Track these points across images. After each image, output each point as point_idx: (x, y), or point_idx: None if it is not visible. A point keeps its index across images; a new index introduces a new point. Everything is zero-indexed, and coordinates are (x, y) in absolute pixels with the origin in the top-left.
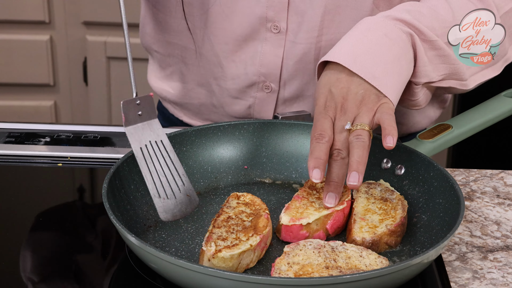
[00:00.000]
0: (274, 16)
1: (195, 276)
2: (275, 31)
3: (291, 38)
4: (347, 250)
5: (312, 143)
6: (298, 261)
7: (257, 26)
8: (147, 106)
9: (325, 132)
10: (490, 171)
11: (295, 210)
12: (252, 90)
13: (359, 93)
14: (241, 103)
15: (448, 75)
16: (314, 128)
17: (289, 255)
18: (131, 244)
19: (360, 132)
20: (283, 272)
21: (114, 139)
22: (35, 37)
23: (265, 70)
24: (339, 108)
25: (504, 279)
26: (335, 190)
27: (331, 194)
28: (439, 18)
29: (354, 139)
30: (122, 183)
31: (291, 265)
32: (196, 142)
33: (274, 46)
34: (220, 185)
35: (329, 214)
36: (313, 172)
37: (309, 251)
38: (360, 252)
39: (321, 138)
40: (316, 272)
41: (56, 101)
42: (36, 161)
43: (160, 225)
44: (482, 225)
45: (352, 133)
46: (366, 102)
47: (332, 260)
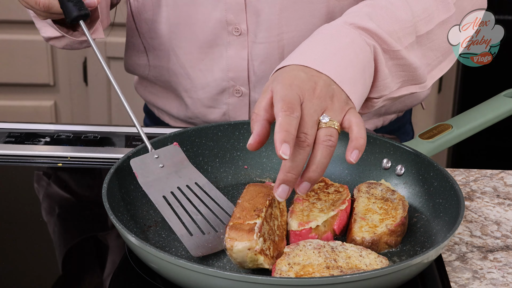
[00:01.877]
0: (233, 19)
1: (195, 276)
2: (237, 34)
3: (253, 39)
4: (347, 250)
5: (281, 115)
6: (299, 262)
7: (219, 30)
8: (173, 157)
9: (295, 106)
10: (490, 171)
11: (300, 214)
12: (223, 96)
13: (331, 86)
14: (215, 112)
15: (406, 81)
16: (280, 101)
17: (289, 255)
18: (131, 244)
19: (332, 132)
20: (284, 273)
21: (114, 139)
22: (35, 37)
23: (233, 74)
24: (310, 89)
25: (504, 279)
26: (290, 184)
27: (285, 187)
28: (399, 19)
29: (325, 140)
30: (122, 183)
31: (292, 265)
32: (196, 142)
33: (238, 49)
34: (220, 185)
35: (335, 215)
36: (282, 146)
37: (309, 251)
38: (360, 251)
39: (292, 111)
40: (317, 272)
41: (56, 101)
42: (36, 161)
43: (160, 225)
44: (482, 225)
45: (324, 129)
46: (338, 98)
47: (332, 260)
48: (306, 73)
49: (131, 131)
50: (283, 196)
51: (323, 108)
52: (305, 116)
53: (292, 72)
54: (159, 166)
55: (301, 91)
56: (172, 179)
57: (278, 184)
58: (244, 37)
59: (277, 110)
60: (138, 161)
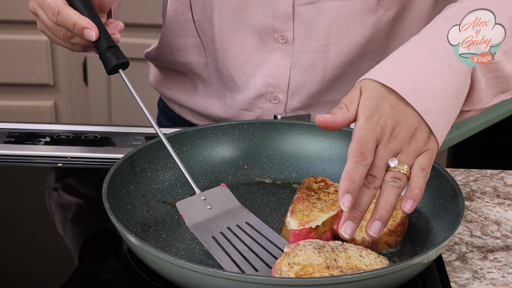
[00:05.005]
0: (280, 27)
1: (195, 276)
2: (283, 41)
3: (298, 48)
4: (347, 250)
5: (351, 160)
6: (299, 262)
7: (265, 36)
8: (221, 198)
9: (368, 153)
10: (490, 171)
11: (300, 214)
12: (260, 101)
13: (413, 125)
14: (249, 114)
15: (499, 91)
16: (356, 143)
17: (289, 255)
18: (131, 244)
19: (401, 176)
20: (284, 273)
21: (114, 139)
22: (35, 37)
23: (273, 80)
24: (388, 131)
25: (504, 279)
26: (356, 221)
27: (350, 223)
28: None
29: (391, 181)
30: (122, 183)
31: (292, 265)
32: (196, 142)
33: (282, 56)
34: (220, 185)
35: (335, 215)
36: (344, 197)
37: (309, 251)
38: (360, 252)
39: (363, 158)
40: (317, 272)
41: (56, 101)
42: (36, 161)
43: (160, 225)
44: (482, 225)
45: (392, 172)
46: (417, 139)
47: (332, 260)
48: (392, 107)
49: (131, 131)
50: (349, 233)
51: (397, 151)
52: (376, 159)
53: (378, 101)
54: (207, 208)
55: (380, 132)
56: (221, 219)
57: (344, 220)
58: (289, 45)
59: (350, 151)
60: (184, 203)
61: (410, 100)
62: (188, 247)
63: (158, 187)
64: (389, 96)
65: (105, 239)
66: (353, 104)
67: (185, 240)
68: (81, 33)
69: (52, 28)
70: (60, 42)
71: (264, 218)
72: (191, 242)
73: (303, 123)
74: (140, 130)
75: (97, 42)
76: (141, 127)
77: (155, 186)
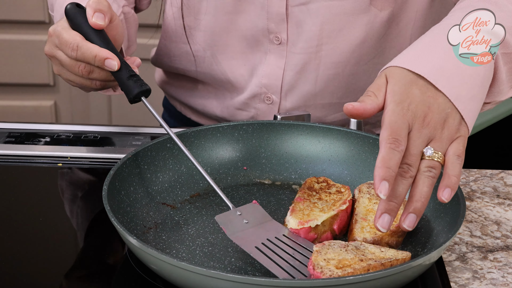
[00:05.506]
0: (274, 28)
1: (196, 278)
2: (277, 42)
3: (292, 49)
4: (368, 247)
5: (385, 147)
6: (333, 257)
7: (260, 38)
8: (255, 213)
9: (402, 138)
10: (490, 171)
11: (300, 213)
12: (254, 101)
13: (445, 111)
14: (243, 114)
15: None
16: (388, 129)
17: (321, 253)
18: (132, 246)
19: (436, 165)
20: (324, 268)
21: (114, 139)
22: (35, 37)
23: (266, 81)
24: (420, 117)
25: (504, 279)
26: (392, 213)
27: (387, 216)
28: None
29: (426, 171)
30: (122, 185)
31: (328, 260)
32: (195, 143)
33: (276, 58)
34: (220, 186)
35: (335, 215)
36: (381, 185)
37: (337, 249)
38: (380, 249)
39: (397, 144)
40: (353, 264)
41: (56, 101)
42: (36, 161)
43: (160, 227)
44: (482, 225)
45: (426, 161)
46: (449, 125)
47: (361, 255)
48: (422, 92)
49: (131, 131)
50: (385, 226)
51: (430, 138)
52: (410, 147)
53: (407, 87)
54: (244, 222)
55: (412, 118)
56: (259, 232)
57: (379, 214)
58: (283, 46)
59: (382, 137)
60: (223, 217)
61: (440, 86)
62: (188, 249)
63: (158, 188)
64: (418, 82)
65: (105, 239)
66: (380, 91)
67: (185, 242)
68: (102, 65)
69: (71, 65)
70: (79, 80)
71: None
72: (192, 244)
73: (302, 123)
74: (140, 130)
75: (118, 72)
76: (141, 127)
77: (154, 188)
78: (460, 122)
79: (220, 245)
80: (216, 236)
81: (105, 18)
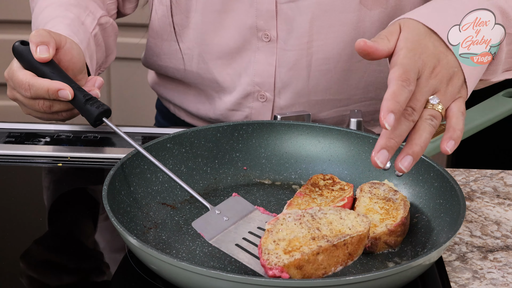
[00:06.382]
0: (263, 25)
1: (196, 278)
2: (266, 40)
3: (282, 46)
4: (326, 214)
5: (396, 83)
6: (283, 237)
7: (248, 36)
8: (235, 207)
9: (412, 80)
10: (490, 171)
11: (297, 207)
12: (247, 100)
13: (452, 69)
14: (238, 114)
15: (508, 68)
16: (401, 68)
17: (272, 232)
18: (132, 246)
19: (437, 115)
20: (271, 252)
21: (114, 139)
22: None
23: (259, 79)
24: (430, 67)
25: (504, 279)
26: (391, 150)
27: (385, 152)
28: None
29: (428, 118)
30: (122, 185)
31: (278, 242)
32: (195, 143)
33: (267, 55)
34: (220, 186)
35: None
36: (388, 116)
37: (290, 224)
38: (339, 213)
39: (408, 83)
40: (304, 245)
41: None
42: (36, 161)
43: (160, 227)
44: (482, 225)
45: (429, 110)
46: (454, 83)
47: (315, 229)
48: (434, 46)
49: (131, 131)
50: (382, 161)
51: (436, 90)
52: (417, 92)
53: (421, 37)
54: (224, 220)
55: (422, 66)
56: (240, 227)
57: (378, 148)
58: (273, 44)
59: (394, 75)
60: (200, 222)
61: (450, 45)
62: (188, 249)
63: (158, 188)
64: (431, 36)
65: (105, 239)
66: (393, 36)
67: (185, 242)
68: (57, 97)
69: (31, 104)
70: (46, 116)
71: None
72: (192, 244)
73: (302, 123)
74: (140, 130)
75: (74, 100)
76: (141, 127)
77: (154, 188)
78: (463, 84)
79: None
80: None
81: (49, 49)
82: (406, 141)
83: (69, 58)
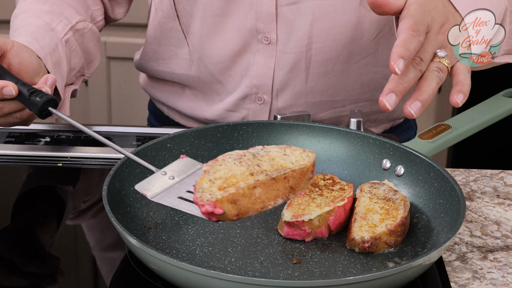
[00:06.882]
0: (263, 28)
1: (196, 278)
2: (266, 42)
3: (282, 48)
4: (269, 152)
5: (406, 32)
6: (220, 176)
7: (248, 39)
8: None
9: (422, 31)
10: (490, 171)
11: (297, 207)
12: (245, 102)
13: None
14: (235, 115)
15: (508, 49)
16: (412, 20)
17: (209, 172)
18: (132, 246)
19: (443, 68)
20: (206, 190)
21: (114, 139)
22: None
23: (257, 81)
24: (438, 24)
25: (504, 279)
26: (399, 95)
27: (393, 95)
28: None
29: (435, 70)
30: (122, 185)
31: (213, 181)
32: (195, 143)
33: (266, 57)
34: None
35: (330, 211)
36: (398, 60)
37: (229, 163)
38: (284, 150)
39: (418, 33)
40: (241, 181)
41: None
42: (36, 161)
43: (160, 227)
44: (482, 225)
45: (436, 63)
46: None
47: (255, 166)
48: (444, 6)
49: (131, 131)
50: (391, 103)
51: (443, 45)
52: (426, 44)
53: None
54: (169, 179)
55: (432, 21)
56: (186, 182)
57: (387, 91)
58: (273, 46)
59: (405, 26)
60: (144, 184)
61: (459, 7)
62: (188, 249)
63: None
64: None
65: (105, 239)
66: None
67: (185, 242)
68: (2, 95)
69: None
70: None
71: (264, 218)
72: (192, 244)
73: (302, 123)
74: (140, 130)
75: (19, 96)
76: (141, 127)
77: None
78: None
79: (220, 245)
80: (216, 236)
81: None
82: (414, 89)
83: (18, 61)
